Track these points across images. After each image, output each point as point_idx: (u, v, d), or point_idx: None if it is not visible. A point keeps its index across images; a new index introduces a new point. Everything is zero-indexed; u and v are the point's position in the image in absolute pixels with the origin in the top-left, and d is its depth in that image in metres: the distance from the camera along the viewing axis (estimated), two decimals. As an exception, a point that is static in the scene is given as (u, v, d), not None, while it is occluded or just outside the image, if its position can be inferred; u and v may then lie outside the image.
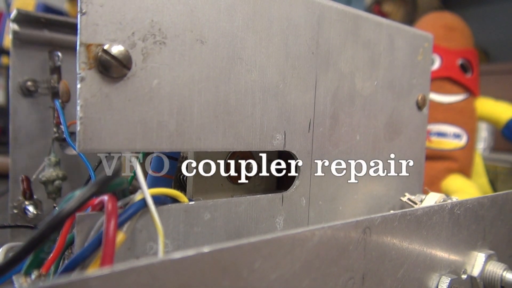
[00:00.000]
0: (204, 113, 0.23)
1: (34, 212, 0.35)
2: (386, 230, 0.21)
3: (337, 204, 0.30)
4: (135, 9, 0.20)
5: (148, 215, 0.20)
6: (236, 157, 0.28)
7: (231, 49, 0.24)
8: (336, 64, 0.29)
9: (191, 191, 0.27)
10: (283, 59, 0.26)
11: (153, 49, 0.21)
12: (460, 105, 0.64)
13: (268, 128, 0.26)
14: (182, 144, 0.22)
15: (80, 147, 0.19)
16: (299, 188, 0.28)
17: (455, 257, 0.26)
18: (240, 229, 0.25)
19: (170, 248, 0.21)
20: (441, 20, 0.68)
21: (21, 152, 0.36)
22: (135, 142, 0.20)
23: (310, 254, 0.18)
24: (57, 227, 0.17)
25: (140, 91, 0.20)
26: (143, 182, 0.20)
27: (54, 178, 0.34)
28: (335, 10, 0.28)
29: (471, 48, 0.68)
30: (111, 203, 0.17)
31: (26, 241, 0.16)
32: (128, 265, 0.13)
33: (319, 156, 0.29)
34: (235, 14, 0.24)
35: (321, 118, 0.28)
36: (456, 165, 0.63)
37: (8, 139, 0.36)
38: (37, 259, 0.20)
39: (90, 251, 0.17)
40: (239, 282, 0.16)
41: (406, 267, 0.23)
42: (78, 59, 0.19)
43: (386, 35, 0.32)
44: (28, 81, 0.36)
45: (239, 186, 0.29)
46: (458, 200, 0.27)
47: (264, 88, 0.25)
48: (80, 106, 0.19)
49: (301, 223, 0.28)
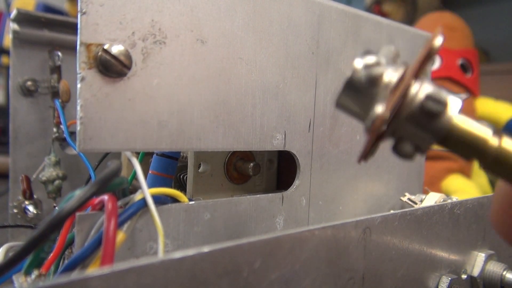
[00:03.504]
0: (204, 113, 0.23)
1: (34, 212, 0.35)
2: (386, 230, 0.21)
3: (337, 204, 0.30)
4: (135, 9, 0.20)
5: (148, 215, 0.20)
6: (236, 157, 0.28)
7: (231, 49, 0.24)
8: (336, 64, 0.29)
9: (191, 191, 0.27)
10: (283, 59, 0.26)
11: (153, 49, 0.21)
12: (460, 105, 0.64)
13: (268, 128, 0.26)
14: (182, 144, 0.22)
15: (80, 147, 0.19)
16: (299, 188, 0.28)
17: (455, 257, 0.26)
18: (240, 229, 0.25)
19: (170, 248, 0.21)
20: (441, 20, 0.68)
21: (21, 152, 0.36)
22: (135, 142, 0.20)
23: (310, 254, 0.18)
24: (57, 226, 0.17)
25: (140, 91, 0.20)
26: (143, 182, 0.20)
27: (54, 178, 0.34)
28: (335, 10, 0.28)
29: (471, 48, 0.68)
30: (111, 202, 0.17)
31: (26, 241, 0.16)
32: (128, 265, 0.13)
33: (319, 156, 0.29)
34: (235, 14, 0.24)
35: (321, 118, 0.28)
36: (456, 165, 0.63)
37: (8, 139, 0.36)
38: (37, 258, 0.20)
39: (90, 250, 0.17)
40: (239, 282, 0.16)
41: (406, 267, 0.23)
42: (78, 58, 0.19)
43: (386, 35, 0.32)
44: (28, 81, 0.36)
45: (239, 186, 0.29)
46: (458, 200, 0.27)
47: (264, 88, 0.25)
48: (80, 106, 0.19)
49: (301, 223, 0.28)
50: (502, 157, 0.14)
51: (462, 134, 0.14)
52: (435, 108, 0.14)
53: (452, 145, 0.14)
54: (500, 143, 0.14)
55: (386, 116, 0.14)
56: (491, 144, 0.14)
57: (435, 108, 0.14)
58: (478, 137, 0.14)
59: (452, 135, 0.14)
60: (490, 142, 0.14)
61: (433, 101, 0.14)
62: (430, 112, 0.14)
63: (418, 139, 0.14)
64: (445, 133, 0.14)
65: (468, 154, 0.14)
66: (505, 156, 0.14)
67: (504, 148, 0.14)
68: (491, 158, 0.14)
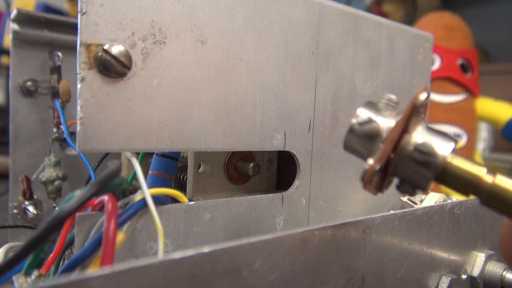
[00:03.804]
0: (204, 113, 0.23)
1: (34, 212, 0.35)
2: (386, 230, 0.21)
3: (337, 204, 0.30)
4: (135, 9, 0.20)
5: (148, 215, 0.20)
6: (236, 157, 0.28)
7: (231, 49, 0.24)
8: (336, 64, 0.29)
9: (191, 191, 0.27)
10: (283, 59, 0.26)
11: (153, 49, 0.21)
12: (460, 105, 0.64)
13: (268, 128, 0.26)
14: (182, 144, 0.22)
15: (80, 147, 0.19)
16: (299, 188, 0.28)
17: (455, 257, 0.26)
18: (240, 229, 0.25)
19: (170, 248, 0.21)
20: (441, 20, 0.68)
21: (21, 152, 0.36)
22: (135, 142, 0.20)
23: (310, 254, 0.18)
24: (57, 227, 0.17)
25: (140, 91, 0.20)
26: (143, 182, 0.20)
27: (54, 178, 0.34)
28: (335, 10, 0.28)
29: (471, 48, 0.68)
30: (111, 203, 0.17)
31: (26, 241, 0.16)
32: (128, 265, 0.13)
33: (319, 156, 0.29)
34: (235, 14, 0.24)
35: (321, 118, 0.28)
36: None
37: (8, 139, 0.36)
38: (37, 259, 0.20)
39: (90, 251, 0.17)
40: (239, 282, 0.16)
41: (406, 267, 0.23)
42: (78, 59, 0.19)
43: (386, 35, 0.32)
44: (28, 81, 0.36)
45: (239, 186, 0.29)
46: (458, 200, 0.27)
47: (264, 88, 0.25)
48: (80, 106, 0.19)
49: (301, 223, 0.28)
50: (497, 193, 0.15)
51: (458, 173, 0.16)
52: (422, 159, 0.16)
53: (449, 183, 0.16)
54: (494, 180, 0.15)
55: (375, 169, 0.16)
56: (486, 180, 0.15)
57: (423, 158, 0.16)
58: (473, 175, 0.16)
59: (447, 174, 0.16)
60: (484, 178, 0.16)
61: (420, 152, 0.16)
62: (419, 162, 0.16)
63: (417, 179, 0.16)
64: (440, 174, 0.16)
65: (465, 190, 0.16)
66: (499, 192, 0.15)
67: (497, 184, 0.15)
68: (486, 194, 0.15)
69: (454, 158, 0.16)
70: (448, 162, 0.16)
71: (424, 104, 0.17)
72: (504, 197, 0.15)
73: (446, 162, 0.16)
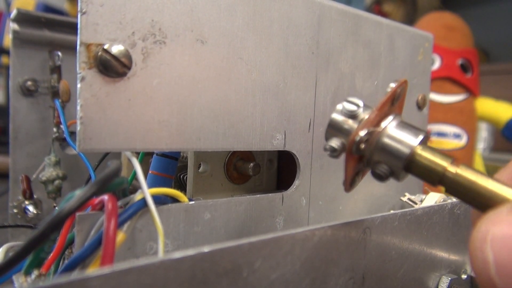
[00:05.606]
0: (204, 113, 0.23)
1: (34, 212, 0.35)
2: (386, 230, 0.21)
3: (337, 204, 0.30)
4: (135, 9, 0.20)
5: (148, 215, 0.20)
6: (236, 157, 0.28)
7: (231, 49, 0.24)
8: (336, 64, 0.29)
9: (191, 191, 0.27)
10: (283, 59, 0.26)
11: (153, 49, 0.21)
12: (460, 105, 0.64)
13: (268, 128, 0.26)
14: (182, 144, 0.22)
15: (80, 147, 0.19)
16: (299, 188, 0.28)
17: (455, 257, 0.26)
18: (240, 229, 0.25)
19: (170, 248, 0.21)
20: (441, 20, 0.68)
21: (21, 152, 0.36)
22: (135, 142, 0.20)
23: (310, 254, 0.18)
24: (57, 226, 0.17)
25: (140, 91, 0.20)
26: (143, 182, 0.20)
27: (54, 178, 0.34)
28: (335, 10, 0.28)
29: (471, 48, 0.68)
30: (111, 202, 0.17)
31: (26, 241, 0.16)
32: (128, 265, 0.13)
33: (319, 156, 0.29)
34: (236, 14, 0.24)
35: (321, 118, 0.28)
36: (456, 165, 0.62)
37: (8, 139, 0.36)
38: (37, 258, 0.20)
39: (90, 250, 0.17)
40: (239, 282, 0.16)
41: (406, 267, 0.23)
42: (78, 58, 0.19)
43: (386, 35, 0.32)
44: (28, 80, 0.36)
45: (239, 186, 0.29)
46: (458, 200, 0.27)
47: (264, 88, 0.25)
48: (80, 105, 0.19)
49: (301, 223, 0.28)
50: (458, 181, 0.17)
51: (424, 163, 0.17)
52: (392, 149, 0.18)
53: (417, 173, 0.18)
54: (456, 170, 0.17)
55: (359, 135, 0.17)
56: (449, 170, 0.17)
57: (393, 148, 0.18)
58: (438, 165, 0.17)
59: (415, 164, 0.17)
60: (448, 168, 0.17)
61: (392, 142, 0.18)
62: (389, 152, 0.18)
63: (390, 164, 0.18)
64: (409, 163, 0.17)
65: (433, 180, 0.17)
66: (460, 180, 0.17)
67: (459, 174, 0.17)
68: (449, 182, 0.17)
69: (423, 150, 0.17)
70: (416, 153, 0.17)
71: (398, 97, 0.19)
72: (464, 186, 0.16)
73: (415, 153, 0.17)
